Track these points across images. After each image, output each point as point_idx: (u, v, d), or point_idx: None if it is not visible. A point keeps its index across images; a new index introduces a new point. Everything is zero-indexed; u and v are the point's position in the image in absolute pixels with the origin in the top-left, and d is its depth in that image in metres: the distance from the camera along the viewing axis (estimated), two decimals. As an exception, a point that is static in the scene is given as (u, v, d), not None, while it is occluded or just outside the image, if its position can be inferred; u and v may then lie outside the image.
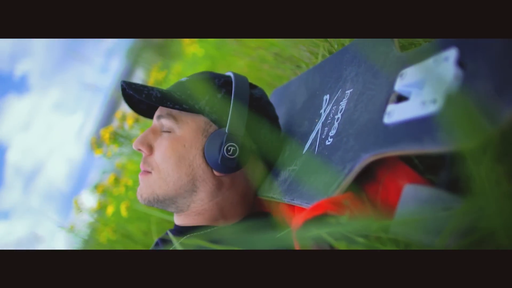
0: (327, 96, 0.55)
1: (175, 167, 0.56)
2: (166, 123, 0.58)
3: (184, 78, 0.62)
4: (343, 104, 0.48)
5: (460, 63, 0.30)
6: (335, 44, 0.63)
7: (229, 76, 0.62)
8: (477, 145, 0.24)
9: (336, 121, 0.48)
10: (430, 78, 0.33)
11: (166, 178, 0.57)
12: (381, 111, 0.39)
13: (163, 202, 0.59)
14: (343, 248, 0.33)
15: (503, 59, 0.27)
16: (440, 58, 0.32)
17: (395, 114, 0.36)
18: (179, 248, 0.53)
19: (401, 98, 0.38)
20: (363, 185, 0.40)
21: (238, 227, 0.57)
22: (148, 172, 0.59)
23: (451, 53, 0.31)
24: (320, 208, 0.36)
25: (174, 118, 0.58)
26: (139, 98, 0.64)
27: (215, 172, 0.57)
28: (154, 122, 0.61)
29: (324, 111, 0.53)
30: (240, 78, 0.61)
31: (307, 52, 0.76)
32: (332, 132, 0.47)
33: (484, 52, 0.29)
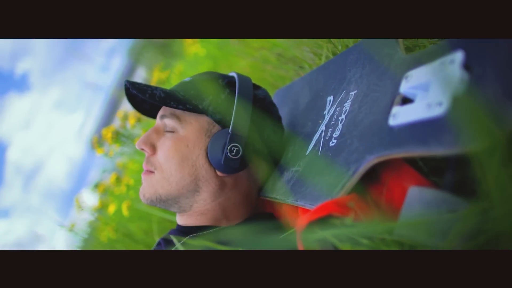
0: (330, 97, 0.55)
1: (178, 167, 0.56)
2: (169, 123, 0.58)
3: (187, 78, 0.62)
4: (347, 105, 0.48)
5: (466, 66, 0.30)
6: (339, 45, 0.63)
7: (232, 77, 0.62)
8: (485, 147, 0.24)
9: (340, 122, 0.48)
10: (436, 81, 0.33)
11: (169, 178, 0.57)
12: (386, 112, 0.39)
13: (165, 202, 0.59)
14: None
15: (509, 61, 0.27)
16: (446, 61, 0.32)
17: (400, 116, 0.36)
18: (181, 248, 0.53)
19: (406, 100, 0.38)
20: (367, 186, 0.40)
21: (241, 228, 0.57)
22: (151, 171, 0.59)
23: (457, 55, 0.31)
24: (324, 210, 0.36)
25: (178, 118, 0.58)
26: (142, 98, 0.64)
27: (218, 173, 0.57)
28: (157, 121, 0.61)
29: (328, 112, 0.53)
30: (243, 79, 0.61)
31: (311, 53, 0.76)
32: (336, 133, 0.47)
33: (490, 54, 0.29)
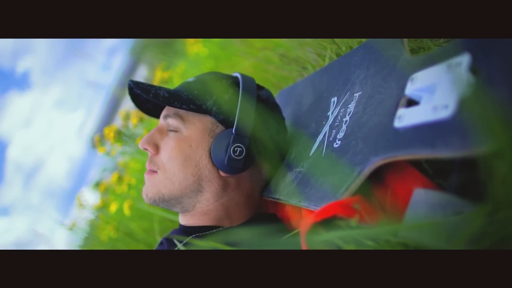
0: (334, 99, 0.55)
1: (181, 167, 0.56)
2: (173, 122, 0.58)
3: (191, 78, 0.62)
4: (351, 106, 0.48)
5: (473, 68, 0.30)
6: (343, 47, 0.63)
7: (236, 77, 0.62)
8: (492, 150, 0.24)
9: (344, 123, 0.48)
10: (442, 83, 0.33)
11: (172, 178, 0.57)
12: (391, 114, 0.39)
13: (168, 202, 0.59)
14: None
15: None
16: (453, 63, 0.32)
17: (406, 118, 0.36)
18: (183, 248, 0.53)
19: (411, 102, 0.38)
20: (371, 188, 0.40)
21: (244, 229, 0.57)
22: (154, 171, 0.59)
23: (464, 58, 0.31)
24: (329, 211, 0.36)
25: (181, 118, 0.58)
26: (146, 98, 0.64)
27: (221, 173, 0.57)
28: (161, 121, 0.61)
29: (332, 114, 0.53)
30: (247, 79, 0.61)
31: (314, 54, 0.76)
32: (340, 134, 0.47)
33: (497, 56, 0.29)
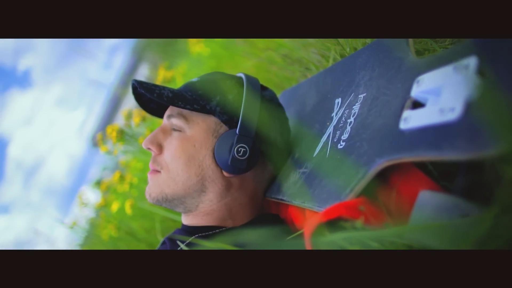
0: (339, 100, 0.55)
1: (185, 167, 0.56)
2: (177, 122, 0.58)
3: (195, 78, 0.62)
4: (356, 108, 0.48)
5: (481, 71, 0.30)
6: (347, 48, 0.63)
7: (240, 77, 0.62)
8: (500, 153, 0.24)
9: (349, 125, 0.48)
10: (449, 86, 0.33)
11: (175, 178, 0.57)
12: (396, 116, 0.39)
13: (171, 202, 0.59)
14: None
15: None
16: (460, 66, 0.32)
17: (412, 120, 0.36)
18: (186, 248, 0.53)
19: (416, 104, 0.38)
20: (376, 190, 0.40)
21: (248, 230, 0.57)
22: (157, 171, 0.59)
23: (471, 61, 0.31)
24: (334, 212, 0.36)
25: (185, 118, 0.58)
26: (150, 97, 0.64)
27: (225, 173, 0.57)
28: (164, 121, 0.61)
29: (336, 115, 0.53)
30: (251, 80, 0.61)
31: (317, 55, 0.76)
32: (345, 136, 0.47)
33: (505, 58, 0.29)
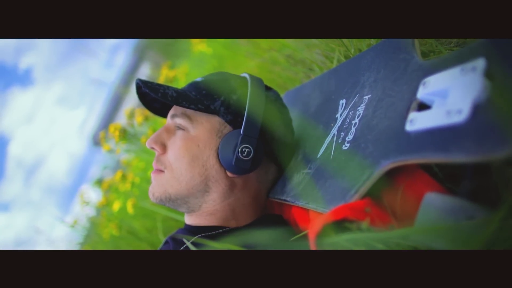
0: (343, 101, 0.55)
1: (188, 167, 0.56)
2: (181, 122, 0.58)
3: (199, 78, 0.62)
4: (360, 109, 0.48)
5: (489, 73, 0.30)
6: (352, 49, 0.63)
7: (244, 78, 0.62)
8: (508, 156, 0.24)
9: (354, 126, 0.48)
10: (456, 88, 0.33)
11: (178, 178, 0.57)
12: (402, 118, 0.39)
13: (175, 202, 0.59)
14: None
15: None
16: (467, 68, 0.32)
17: (418, 121, 0.36)
18: (191, 247, 0.53)
19: (422, 106, 0.38)
20: (381, 191, 0.40)
21: (252, 230, 0.57)
22: (161, 171, 0.59)
23: (479, 63, 0.31)
24: (339, 213, 0.36)
25: (189, 118, 0.58)
26: (154, 97, 0.64)
27: (228, 173, 0.57)
28: (168, 121, 0.61)
29: (340, 116, 0.53)
30: (255, 80, 0.61)
31: (321, 56, 0.76)
32: (349, 137, 0.47)
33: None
